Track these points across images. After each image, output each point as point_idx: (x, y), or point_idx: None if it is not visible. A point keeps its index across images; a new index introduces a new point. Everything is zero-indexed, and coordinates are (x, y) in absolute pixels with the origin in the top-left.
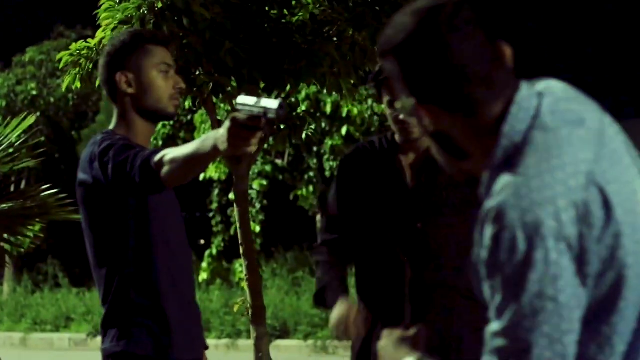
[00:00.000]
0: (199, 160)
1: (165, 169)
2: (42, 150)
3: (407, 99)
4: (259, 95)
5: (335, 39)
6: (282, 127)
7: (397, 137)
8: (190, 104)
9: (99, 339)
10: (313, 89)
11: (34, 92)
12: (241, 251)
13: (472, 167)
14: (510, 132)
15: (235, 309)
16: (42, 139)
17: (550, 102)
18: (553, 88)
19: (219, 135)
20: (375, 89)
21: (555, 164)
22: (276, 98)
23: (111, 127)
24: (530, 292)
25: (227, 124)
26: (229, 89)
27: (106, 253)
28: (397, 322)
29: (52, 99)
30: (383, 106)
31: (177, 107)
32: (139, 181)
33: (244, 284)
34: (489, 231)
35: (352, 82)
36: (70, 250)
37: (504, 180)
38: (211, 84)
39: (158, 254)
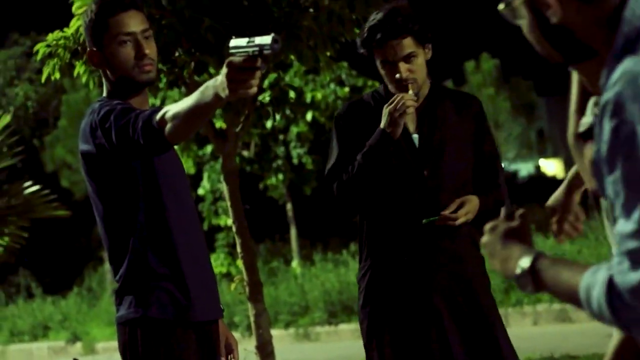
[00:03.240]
0: (201, 112)
1: (168, 127)
2: (21, 148)
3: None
4: (249, 35)
5: (311, 9)
6: (249, 116)
7: (390, 88)
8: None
9: (78, 345)
10: (273, 76)
11: None
12: (234, 229)
13: (588, 73)
14: (632, 17)
15: (232, 287)
16: (5, 149)
17: None
18: None
19: (218, 83)
20: (367, 52)
21: None
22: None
23: (104, 95)
24: None
25: (224, 70)
26: (211, 67)
27: (118, 221)
28: (405, 269)
29: (11, 108)
30: (378, 67)
31: (148, 72)
32: (143, 142)
33: (239, 262)
34: (607, 125)
35: (329, 54)
36: (40, 260)
37: (621, 69)
38: (192, 63)
39: (171, 215)
